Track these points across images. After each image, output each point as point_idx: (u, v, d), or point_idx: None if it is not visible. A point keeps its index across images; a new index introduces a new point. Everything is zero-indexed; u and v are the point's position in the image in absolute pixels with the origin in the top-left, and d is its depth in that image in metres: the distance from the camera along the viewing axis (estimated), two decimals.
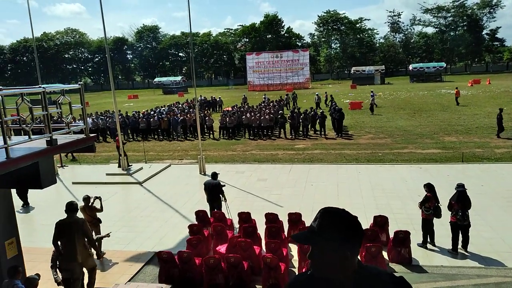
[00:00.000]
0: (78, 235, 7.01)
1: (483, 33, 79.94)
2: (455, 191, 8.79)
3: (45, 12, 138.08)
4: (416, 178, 13.76)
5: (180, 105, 34.70)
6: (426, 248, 9.04)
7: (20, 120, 5.91)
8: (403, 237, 8.42)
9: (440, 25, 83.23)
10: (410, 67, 66.42)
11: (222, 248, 8.71)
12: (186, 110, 29.80)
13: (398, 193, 12.68)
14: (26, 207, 13.79)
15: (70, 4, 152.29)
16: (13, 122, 7.66)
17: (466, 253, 8.75)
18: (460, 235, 8.76)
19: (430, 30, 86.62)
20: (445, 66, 68.54)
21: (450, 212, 8.75)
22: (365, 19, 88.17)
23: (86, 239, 7.18)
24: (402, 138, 20.84)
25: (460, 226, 8.61)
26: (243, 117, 24.15)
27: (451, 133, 21.33)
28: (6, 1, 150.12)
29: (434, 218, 9.02)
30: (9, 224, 6.77)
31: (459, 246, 8.83)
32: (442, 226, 9.22)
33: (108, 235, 8.59)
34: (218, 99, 38.90)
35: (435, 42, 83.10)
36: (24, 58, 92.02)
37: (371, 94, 31.12)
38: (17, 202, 12.68)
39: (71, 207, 7.17)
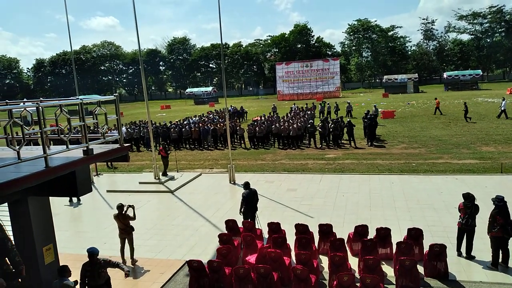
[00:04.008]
0: None
1: None
2: (494, 205, 8.38)
3: (81, 26, 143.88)
4: (452, 189, 13.32)
5: (210, 115, 35.19)
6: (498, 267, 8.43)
7: (58, 130, 6.13)
8: (439, 250, 8.11)
9: (476, 32, 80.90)
10: (445, 75, 64.79)
11: (252, 258, 8.67)
12: (215, 120, 30.17)
13: (433, 204, 12.27)
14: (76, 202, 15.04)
15: (104, 18, 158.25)
16: (52, 132, 7.93)
17: (507, 268, 8.34)
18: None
19: (465, 37, 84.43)
20: (481, 73, 66.35)
21: (492, 227, 8.31)
22: (397, 27, 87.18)
23: None
24: (437, 148, 20.23)
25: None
26: (273, 126, 24.19)
27: (489, 143, 20.52)
28: (45, 16, 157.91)
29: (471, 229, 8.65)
30: (47, 231, 7.00)
31: (499, 261, 8.42)
32: (481, 240, 8.84)
33: None
34: (240, 108, 40.00)
35: (471, 49, 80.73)
36: (63, 70, 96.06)
37: (374, 105, 31.18)
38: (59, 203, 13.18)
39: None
